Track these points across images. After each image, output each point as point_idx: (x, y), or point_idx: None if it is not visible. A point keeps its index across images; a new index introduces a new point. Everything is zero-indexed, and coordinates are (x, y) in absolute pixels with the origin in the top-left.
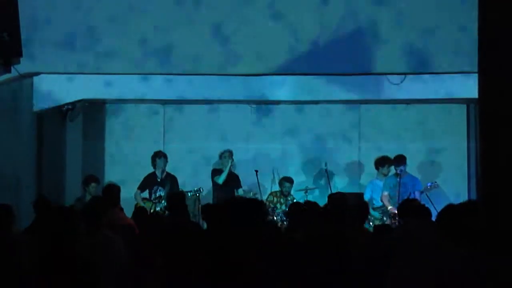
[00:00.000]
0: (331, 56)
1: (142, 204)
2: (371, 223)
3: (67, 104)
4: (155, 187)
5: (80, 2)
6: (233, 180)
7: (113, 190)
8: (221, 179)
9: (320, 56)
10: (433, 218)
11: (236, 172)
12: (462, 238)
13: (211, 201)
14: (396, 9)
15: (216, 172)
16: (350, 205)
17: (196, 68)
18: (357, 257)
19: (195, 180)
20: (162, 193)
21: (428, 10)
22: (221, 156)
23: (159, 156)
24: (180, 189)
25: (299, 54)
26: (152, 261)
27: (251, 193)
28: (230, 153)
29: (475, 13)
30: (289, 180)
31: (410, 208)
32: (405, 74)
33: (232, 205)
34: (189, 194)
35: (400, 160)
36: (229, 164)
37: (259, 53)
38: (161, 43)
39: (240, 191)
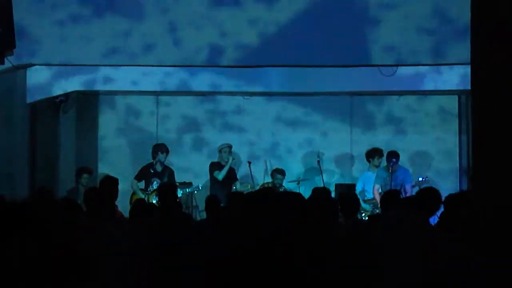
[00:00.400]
0: (323, 47)
1: (139, 193)
2: (363, 216)
3: (61, 95)
4: (152, 179)
5: None
6: (231, 174)
7: (113, 183)
8: (221, 176)
9: (312, 47)
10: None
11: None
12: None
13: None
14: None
15: (215, 166)
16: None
17: (189, 60)
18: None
19: (187, 172)
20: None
21: (418, 3)
22: (220, 150)
23: (162, 150)
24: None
25: (291, 45)
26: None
27: (249, 185)
28: (229, 147)
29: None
30: (281, 172)
31: (392, 200)
32: (395, 65)
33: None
34: (187, 190)
35: (391, 155)
36: (230, 160)
37: (250, 44)
38: (153, 34)
39: (237, 184)
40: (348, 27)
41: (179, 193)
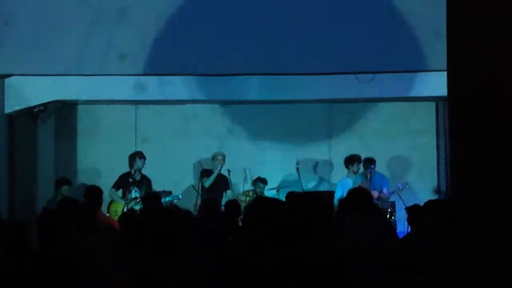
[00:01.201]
0: (301, 56)
1: (120, 201)
2: None
3: (39, 105)
4: (131, 188)
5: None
6: (222, 181)
7: (97, 192)
8: (207, 183)
9: (290, 56)
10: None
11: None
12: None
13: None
14: (360, 10)
15: (205, 173)
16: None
17: (167, 69)
18: None
19: (165, 180)
20: (137, 194)
21: (395, 9)
22: (213, 158)
23: (140, 157)
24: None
25: (270, 55)
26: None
27: (240, 194)
28: (222, 156)
29: (442, 12)
30: (263, 181)
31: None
32: (372, 72)
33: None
34: (167, 199)
35: (368, 162)
36: (219, 167)
37: (229, 53)
38: (132, 44)
39: (229, 192)
40: (325, 34)
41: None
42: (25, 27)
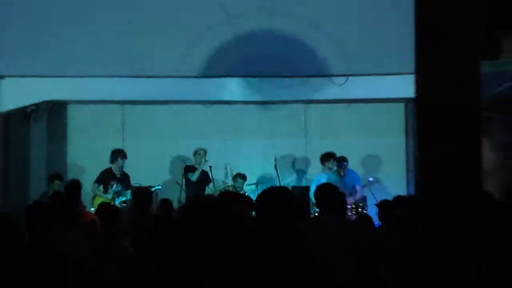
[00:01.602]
0: (278, 59)
1: (103, 195)
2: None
3: (31, 105)
4: (112, 182)
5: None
6: (205, 176)
7: (77, 186)
8: (194, 177)
9: (269, 59)
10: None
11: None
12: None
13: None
14: (336, 16)
15: (189, 169)
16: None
17: (154, 70)
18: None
19: (151, 176)
20: (119, 188)
21: (368, 18)
22: (195, 153)
23: (121, 156)
24: (135, 186)
25: (250, 57)
26: (113, 254)
27: (222, 186)
28: (204, 151)
29: (410, 18)
30: (243, 177)
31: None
32: (346, 75)
33: None
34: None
35: (341, 160)
36: (203, 162)
37: (210, 57)
38: (123, 46)
39: (211, 186)
40: (302, 40)
41: None
42: (19, 32)
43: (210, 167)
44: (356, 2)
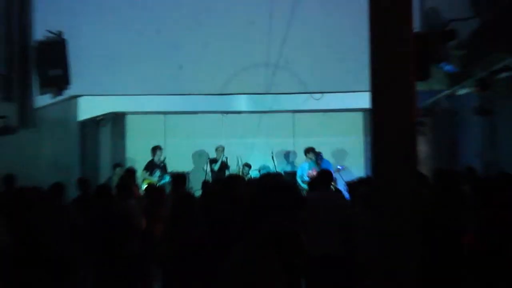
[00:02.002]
0: (272, 79)
1: (150, 178)
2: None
3: (100, 115)
4: (155, 169)
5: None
6: (224, 166)
7: (133, 172)
8: (216, 167)
9: (267, 78)
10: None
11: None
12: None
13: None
14: (314, 50)
15: (213, 161)
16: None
17: (187, 89)
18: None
19: (183, 165)
20: (159, 173)
21: (335, 50)
22: (216, 149)
23: (159, 149)
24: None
25: (254, 78)
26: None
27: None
28: (223, 148)
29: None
30: (248, 166)
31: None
32: (322, 92)
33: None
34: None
35: (318, 153)
36: (222, 156)
37: (226, 79)
38: (165, 72)
39: (227, 172)
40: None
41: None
42: (91, 62)
43: (226, 158)
44: (331, 41)
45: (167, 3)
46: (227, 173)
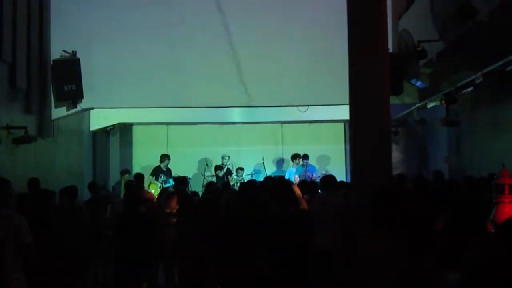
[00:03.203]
0: (263, 93)
1: (155, 182)
2: None
3: (110, 126)
4: (161, 175)
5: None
6: (228, 172)
7: (141, 177)
8: (221, 173)
9: (259, 92)
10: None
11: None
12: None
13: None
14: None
15: (217, 168)
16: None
17: (187, 103)
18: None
19: (185, 171)
20: (165, 178)
21: (321, 68)
22: (222, 157)
23: (167, 158)
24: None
25: (245, 92)
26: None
27: (236, 180)
28: (228, 156)
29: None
30: (242, 169)
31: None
32: (307, 105)
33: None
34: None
35: (305, 157)
36: (228, 163)
37: (223, 93)
38: (168, 88)
39: (230, 178)
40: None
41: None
42: (101, 78)
43: (232, 164)
44: (316, 60)
45: (168, 26)
46: (229, 178)
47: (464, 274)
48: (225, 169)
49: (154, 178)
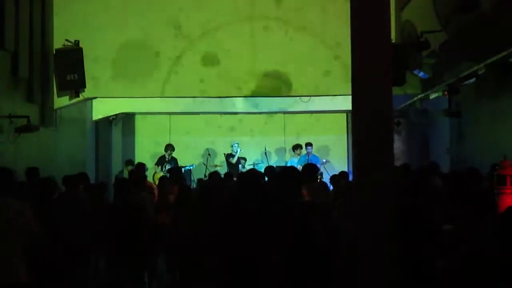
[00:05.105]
0: (267, 84)
1: (159, 172)
2: None
3: (112, 115)
4: (165, 164)
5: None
6: (239, 159)
7: (143, 167)
8: (234, 160)
9: (262, 83)
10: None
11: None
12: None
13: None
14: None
15: (229, 156)
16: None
17: (190, 92)
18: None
19: (188, 160)
20: (169, 167)
21: (323, 59)
22: (232, 145)
23: (171, 148)
24: (179, 165)
25: (249, 82)
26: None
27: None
28: (238, 144)
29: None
30: (244, 159)
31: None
32: (309, 96)
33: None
34: (187, 168)
35: (308, 144)
36: (238, 152)
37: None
38: (170, 78)
39: (245, 164)
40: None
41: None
42: (105, 70)
43: (225, 154)
44: (319, 51)
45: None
46: (243, 164)
47: (461, 264)
48: (236, 157)
49: (159, 168)
